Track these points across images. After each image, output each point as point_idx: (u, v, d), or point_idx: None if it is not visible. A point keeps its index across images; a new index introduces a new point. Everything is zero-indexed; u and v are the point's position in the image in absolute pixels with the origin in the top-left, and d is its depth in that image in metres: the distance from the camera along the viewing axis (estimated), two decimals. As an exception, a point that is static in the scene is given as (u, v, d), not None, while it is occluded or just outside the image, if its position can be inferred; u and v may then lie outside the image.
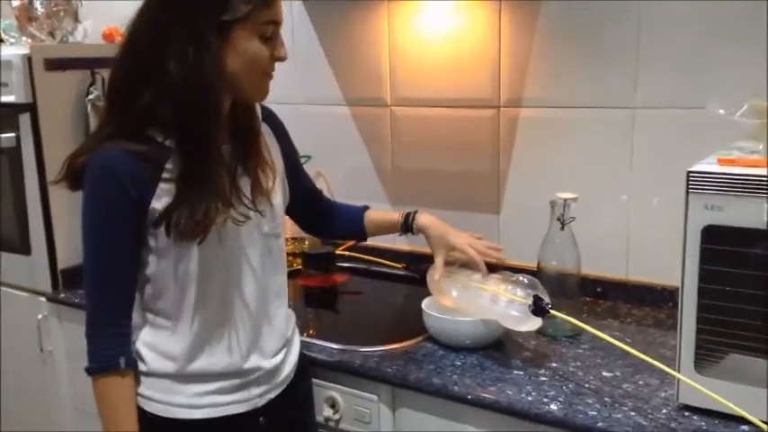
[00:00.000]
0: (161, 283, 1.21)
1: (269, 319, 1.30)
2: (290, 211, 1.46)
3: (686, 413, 1.20)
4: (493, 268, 1.52)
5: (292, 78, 2.15)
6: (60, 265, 1.98)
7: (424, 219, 1.54)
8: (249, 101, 1.24)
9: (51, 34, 2.07)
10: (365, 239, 1.66)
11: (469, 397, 1.31)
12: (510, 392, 1.30)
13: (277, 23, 1.17)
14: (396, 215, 1.57)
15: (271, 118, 1.38)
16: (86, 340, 1.20)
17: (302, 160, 2.07)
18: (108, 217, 1.15)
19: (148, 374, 1.23)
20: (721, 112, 1.19)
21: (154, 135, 1.16)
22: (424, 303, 1.54)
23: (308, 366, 1.46)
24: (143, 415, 1.23)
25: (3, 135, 1.93)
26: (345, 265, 2.08)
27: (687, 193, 1.14)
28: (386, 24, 1.98)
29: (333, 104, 2.13)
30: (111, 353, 1.19)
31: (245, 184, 1.22)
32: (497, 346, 1.49)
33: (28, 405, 2.17)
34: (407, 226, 1.55)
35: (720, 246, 1.12)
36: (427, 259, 1.56)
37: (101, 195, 1.15)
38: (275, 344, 1.31)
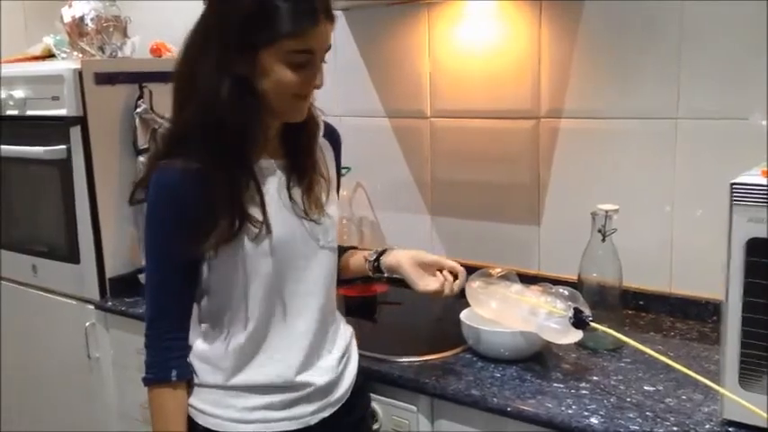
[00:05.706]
0: (215, 295, 1.24)
1: (323, 334, 1.29)
2: None
3: (730, 429, 1.18)
4: (532, 280, 1.51)
5: (333, 90, 2.18)
6: (108, 274, 2.03)
7: (392, 258, 1.39)
8: (284, 120, 1.23)
9: (101, 49, 2.14)
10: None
11: (509, 409, 1.31)
12: (550, 405, 1.29)
13: (310, 52, 1.14)
14: (363, 260, 1.43)
15: (332, 134, 1.38)
16: (145, 350, 1.24)
17: (342, 171, 2.10)
18: (166, 234, 1.19)
19: (200, 386, 1.25)
20: (764, 123, 1.17)
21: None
22: (463, 314, 1.55)
23: (366, 386, 1.44)
24: (195, 428, 1.24)
25: (54, 147, 2.00)
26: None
27: (731, 205, 1.12)
28: (426, 35, 2.00)
29: (373, 116, 2.15)
30: (163, 365, 1.22)
31: (298, 196, 1.24)
32: (537, 359, 1.49)
33: (74, 411, 2.22)
34: (376, 267, 1.42)
35: (765, 259, 1.10)
36: (467, 271, 1.56)
37: (159, 214, 1.19)
38: (329, 360, 1.30)
